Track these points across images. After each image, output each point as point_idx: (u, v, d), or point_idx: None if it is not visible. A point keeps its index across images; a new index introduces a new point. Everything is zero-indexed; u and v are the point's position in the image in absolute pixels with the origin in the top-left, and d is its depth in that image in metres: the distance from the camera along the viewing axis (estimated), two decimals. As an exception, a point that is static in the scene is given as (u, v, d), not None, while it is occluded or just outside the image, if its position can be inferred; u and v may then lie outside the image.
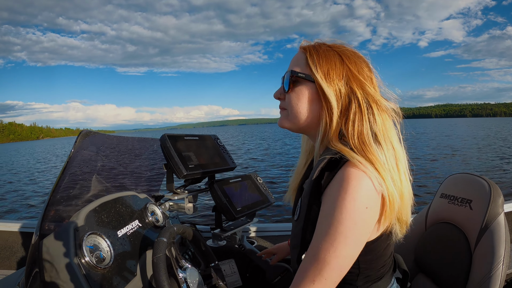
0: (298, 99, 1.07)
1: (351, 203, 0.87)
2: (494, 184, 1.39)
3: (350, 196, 0.87)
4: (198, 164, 1.75)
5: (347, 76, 1.02)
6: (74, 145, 1.18)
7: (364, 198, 0.87)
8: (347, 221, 0.87)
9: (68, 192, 1.28)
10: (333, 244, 0.88)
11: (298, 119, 1.09)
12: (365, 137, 0.96)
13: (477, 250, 1.33)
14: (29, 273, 1.05)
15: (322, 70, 1.02)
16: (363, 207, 0.87)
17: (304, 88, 1.07)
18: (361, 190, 0.87)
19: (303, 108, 1.07)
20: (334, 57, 1.04)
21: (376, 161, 0.91)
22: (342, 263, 0.90)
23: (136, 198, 1.57)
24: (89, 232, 1.17)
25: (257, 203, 2.03)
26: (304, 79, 1.06)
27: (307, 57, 1.06)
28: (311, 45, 1.11)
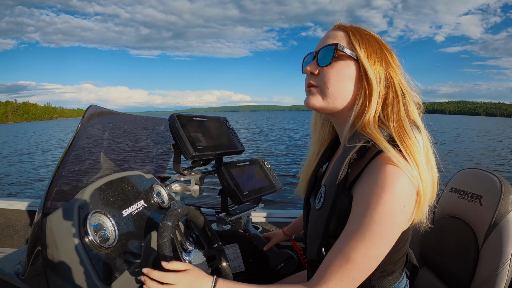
0: (338, 75, 1.00)
1: (390, 203, 0.84)
2: (505, 181, 1.37)
3: (388, 195, 0.84)
4: (206, 145, 1.73)
5: (385, 63, 1.00)
6: (81, 121, 1.16)
7: (402, 197, 0.85)
8: (385, 222, 0.85)
9: (73, 169, 1.28)
10: (366, 245, 0.86)
11: (334, 97, 1.02)
12: (403, 121, 0.94)
13: (485, 247, 1.31)
14: (31, 251, 1.05)
15: (366, 51, 0.99)
16: (401, 207, 0.85)
17: (346, 65, 1.00)
18: (399, 189, 0.84)
19: (342, 86, 1.01)
20: (374, 42, 1.02)
21: (413, 147, 0.89)
22: (372, 263, 0.89)
23: (142, 178, 1.56)
24: (94, 211, 1.16)
25: (264, 188, 2.02)
26: (348, 56, 1.00)
27: (350, 36, 1.01)
28: (351, 25, 1.06)
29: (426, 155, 0.94)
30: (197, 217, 1.44)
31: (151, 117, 1.76)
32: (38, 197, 4.37)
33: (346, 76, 1.00)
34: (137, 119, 1.71)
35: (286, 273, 1.88)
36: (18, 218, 2.66)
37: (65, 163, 1.17)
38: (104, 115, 1.36)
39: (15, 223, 2.65)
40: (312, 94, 1.05)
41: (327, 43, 1.03)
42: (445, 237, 1.50)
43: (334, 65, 1.01)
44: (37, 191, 9.65)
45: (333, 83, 1.01)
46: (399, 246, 1.01)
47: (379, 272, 1.02)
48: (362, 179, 0.92)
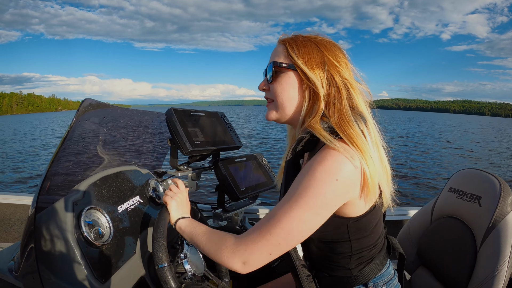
0: (282, 88, 1.11)
1: (321, 172, 0.91)
2: (504, 182, 1.36)
3: (322, 167, 0.91)
4: (203, 140, 1.71)
5: (325, 63, 1.07)
6: (75, 115, 1.14)
7: (336, 170, 0.91)
8: (312, 188, 0.91)
9: (67, 164, 1.26)
10: (291, 205, 0.92)
11: (283, 107, 1.13)
12: (345, 114, 1.01)
13: (483, 248, 1.31)
14: (24, 247, 1.03)
15: (302, 58, 1.08)
16: (333, 179, 0.91)
17: (287, 77, 1.11)
18: (332, 163, 0.91)
19: (287, 96, 1.11)
20: (311, 46, 1.09)
21: (356, 135, 0.96)
22: (294, 226, 0.92)
23: (138, 173, 1.54)
24: (88, 207, 1.15)
25: (261, 185, 2.01)
26: (286, 68, 1.10)
27: (287, 48, 1.11)
28: (289, 37, 1.15)
29: (375, 142, 1.01)
30: (193, 213, 1.43)
31: (147, 111, 1.74)
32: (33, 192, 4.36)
33: (288, 86, 1.11)
34: (133, 113, 1.69)
35: (282, 270, 1.87)
36: (12, 212, 2.63)
37: (59, 158, 1.15)
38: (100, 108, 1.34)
39: (10, 217, 2.63)
40: (268, 109, 1.18)
41: (270, 61, 1.15)
42: (443, 237, 1.50)
43: (277, 79, 1.12)
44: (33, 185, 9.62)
45: (279, 95, 1.12)
46: (369, 230, 1.08)
47: (356, 259, 1.09)
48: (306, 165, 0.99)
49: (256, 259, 0.96)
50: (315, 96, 1.07)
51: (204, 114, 1.87)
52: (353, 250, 1.08)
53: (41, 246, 1.04)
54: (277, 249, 0.95)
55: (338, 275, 1.12)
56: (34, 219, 0.99)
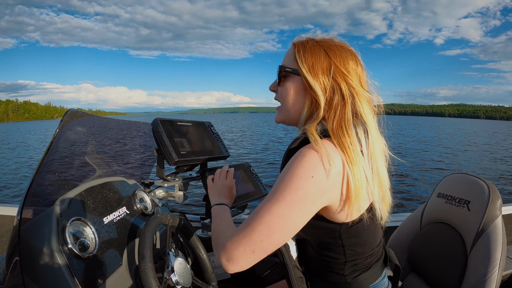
0: (287, 92, 1.14)
1: (298, 168, 0.94)
2: (493, 186, 1.37)
3: (299, 162, 0.94)
4: (190, 151, 1.71)
5: (331, 69, 1.07)
6: (59, 125, 1.12)
7: (312, 167, 0.93)
8: (289, 183, 0.93)
9: (52, 175, 1.23)
10: (270, 200, 0.95)
11: (288, 110, 1.15)
12: (345, 122, 1.01)
13: (473, 252, 1.31)
14: (9, 258, 1.01)
15: (307, 63, 1.08)
16: (308, 175, 0.93)
17: (291, 81, 1.13)
18: (311, 161, 0.93)
19: (292, 100, 1.13)
20: (319, 51, 1.09)
21: (349, 144, 0.97)
22: (272, 221, 0.94)
23: (124, 184, 1.52)
24: (73, 218, 1.12)
25: (249, 194, 1.99)
26: (291, 73, 1.12)
27: (295, 53, 1.12)
28: (301, 40, 1.15)
29: (373, 154, 1.02)
30: (181, 224, 1.41)
31: (134, 121, 1.73)
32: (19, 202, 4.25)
33: (292, 91, 1.13)
34: (119, 123, 1.67)
35: (272, 279, 1.85)
36: (0, 224, 2.58)
37: (44, 168, 1.13)
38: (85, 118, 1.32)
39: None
40: (277, 112, 1.22)
41: (282, 63, 1.18)
42: (433, 242, 1.50)
43: (284, 83, 1.15)
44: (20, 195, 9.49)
45: (285, 99, 1.15)
46: (363, 238, 1.09)
47: (350, 265, 1.10)
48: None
49: (239, 256, 0.97)
50: (316, 102, 1.07)
51: (191, 124, 1.86)
52: (347, 257, 1.08)
53: (26, 258, 1.02)
54: (260, 247, 0.95)
55: (332, 280, 1.13)
56: (19, 230, 0.97)
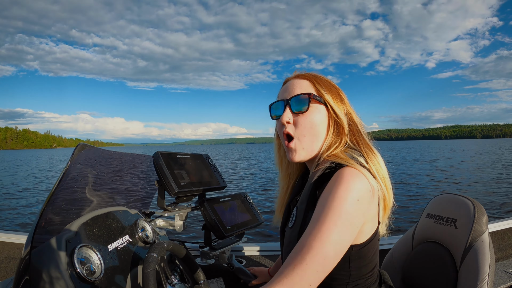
0: (312, 122, 1.13)
1: (343, 192, 0.93)
2: (478, 203, 1.43)
3: (343, 186, 0.93)
4: (189, 182, 1.77)
5: (343, 102, 1.17)
6: (70, 158, 1.19)
7: (356, 190, 0.93)
8: (338, 208, 0.92)
9: (61, 204, 1.29)
10: (320, 229, 0.91)
11: (311, 143, 1.14)
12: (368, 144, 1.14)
13: (463, 268, 1.36)
14: (18, 282, 1.05)
15: (330, 95, 1.14)
16: (354, 198, 0.93)
17: (317, 111, 1.14)
18: (353, 184, 0.94)
19: (316, 131, 1.14)
20: (331, 86, 1.17)
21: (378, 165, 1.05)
22: (326, 249, 0.90)
23: (127, 213, 1.57)
24: (80, 245, 1.17)
25: (246, 223, 2.04)
26: (318, 102, 1.14)
27: (314, 84, 1.16)
28: (311, 74, 1.20)
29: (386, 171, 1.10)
30: (181, 251, 1.45)
31: (137, 154, 1.79)
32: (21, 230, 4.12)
33: (318, 121, 1.13)
34: (123, 156, 1.74)
35: None
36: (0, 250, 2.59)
37: (54, 198, 1.19)
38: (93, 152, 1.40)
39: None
40: (293, 150, 1.16)
41: (297, 92, 1.16)
42: (425, 261, 1.55)
43: (308, 113, 1.14)
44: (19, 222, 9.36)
45: (308, 130, 1.14)
46: (368, 259, 1.09)
47: (352, 286, 1.10)
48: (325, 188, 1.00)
49: None
50: (340, 130, 1.13)
51: (189, 156, 1.93)
52: (351, 278, 1.08)
53: (35, 282, 1.06)
54: (316, 277, 0.90)
55: None
56: (30, 255, 1.02)
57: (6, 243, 2.59)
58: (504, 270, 2.47)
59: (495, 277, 1.31)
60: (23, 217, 10.15)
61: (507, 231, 2.97)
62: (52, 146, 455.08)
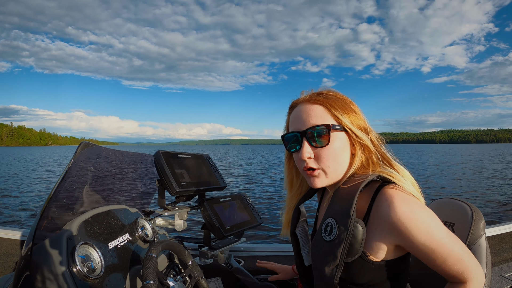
0: (335, 152, 1.09)
1: (428, 219, 0.98)
2: (476, 208, 1.44)
3: (421, 214, 0.98)
4: (190, 181, 1.77)
5: (360, 118, 1.14)
6: (73, 156, 1.20)
7: (430, 211, 1.01)
8: (440, 233, 0.99)
9: (62, 201, 1.30)
10: (451, 243, 1.00)
11: (336, 172, 1.12)
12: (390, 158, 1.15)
13: (459, 272, 1.36)
14: (18, 278, 1.06)
15: (348, 117, 1.10)
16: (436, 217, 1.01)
17: (338, 139, 1.10)
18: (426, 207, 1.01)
19: (340, 159, 1.11)
20: (346, 105, 1.13)
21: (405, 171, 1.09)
22: (458, 245, 1.01)
23: (127, 212, 1.59)
24: (81, 242, 1.18)
25: (246, 223, 2.05)
26: (338, 130, 1.09)
27: (329, 109, 1.10)
28: (323, 97, 1.13)
29: None
30: (180, 250, 1.46)
31: (138, 153, 1.81)
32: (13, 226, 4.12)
33: (340, 149, 1.10)
34: (124, 155, 1.75)
35: None
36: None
37: (56, 196, 1.20)
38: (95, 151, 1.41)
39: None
40: (316, 176, 1.13)
41: (313, 123, 1.10)
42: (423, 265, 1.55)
43: (331, 143, 1.09)
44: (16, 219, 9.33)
45: (332, 161, 1.10)
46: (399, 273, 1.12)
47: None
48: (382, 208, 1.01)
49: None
50: (364, 148, 1.12)
51: (190, 156, 1.94)
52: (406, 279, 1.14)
53: (36, 277, 1.07)
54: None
55: None
56: (31, 252, 1.03)
57: (5, 239, 2.59)
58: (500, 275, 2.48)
59: (491, 281, 1.32)
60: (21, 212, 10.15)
61: (504, 236, 2.98)
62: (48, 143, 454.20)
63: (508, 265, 2.83)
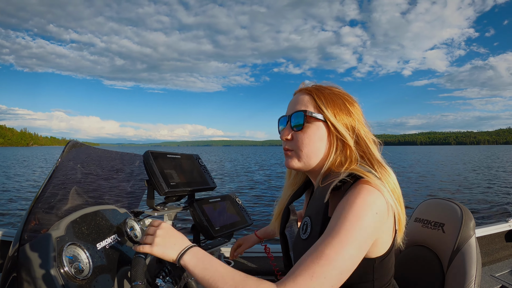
0: (310, 138, 1.13)
1: (361, 207, 0.93)
2: (465, 208, 1.45)
3: (360, 201, 0.94)
4: (179, 182, 1.76)
5: (350, 115, 1.14)
6: (61, 155, 1.18)
7: (374, 204, 0.95)
8: (357, 222, 0.92)
9: (50, 201, 1.28)
10: (341, 241, 0.90)
11: (309, 158, 1.14)
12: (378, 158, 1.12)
13: (450, 271, 1.37)
14: (5, 279, 1.04)
15: (332, 110, 1.12)
16: (373, 212, 0.94)
17: (316, 128, 1.13)
18: (371, 198, 0.95)
19: (315, 147, 1.13)
20: (338, 99, 1.15)
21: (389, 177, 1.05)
22: (344, 264, 0.90)
23: (116, 212, 1.57)
24: (69, 243, 1.16)
25: (235, 224, 2.04)
26: (317, 119, 1.13)
27: (315, 99, 1.14)
28: (314, 87, 1.18)
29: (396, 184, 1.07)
30: None
31: (126, 153, 1.79)
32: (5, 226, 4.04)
33: (316, 138, 1.13)
34: (113, 155, 1.73)
35: None
36: None
37: (43, 195, 1.18)
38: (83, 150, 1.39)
39: None
40: (290, 157, 1.18)
41: (297, 108, 1.17)
42: (413, 264, 1.56)
43: (305, 129, 1.14)
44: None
45: (306, 146, 1.14)
46: (387, 268, 1.11)
47: None
48: (343, 199, 1.00)
49: None
50: (345, 146, 1.11)
51: (179, 156, 1.93)
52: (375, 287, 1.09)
53: (23, 279, 1.05)
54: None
55: None
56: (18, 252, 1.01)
57: None
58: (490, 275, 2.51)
59: (482, 281, 1.33)
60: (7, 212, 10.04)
61: (494, 236, 3.02)
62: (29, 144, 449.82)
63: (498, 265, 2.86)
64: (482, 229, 2.97)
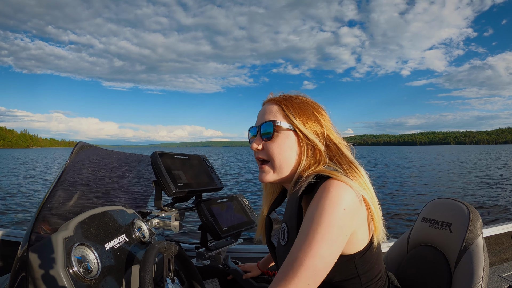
0: (280, 148, 1.15)
1: (329, 205, 0.94)
2: (473, 208, 1.44)
3: (328, 198, 0.94)
4: (187, 182, 1.77)
5: (319, 123, 1.17)
6: (70, 156, 1.20)
7: (341, 200, 0.94)
8: (325, 222, 0.93)
9: (58, 202, 1.29)
10: (310, 243, 0.93)
11: (281, 167, 1.16)
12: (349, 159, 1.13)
13: (457, 271, 1.36)
14: (14, 279, 1.05)
15: (300, 119, 1.15)
16: (340, 209, 0.94)
17: (285, 137, 1.16)
18: (338, 194, 0.95)
19: (285, 156, 1.15)
20: (305, 108, 1.18)
21: (360, 173, 1.06)
22: (317, 263, 0.92)
23: (124, 213, 1.58)
24: (78, 243, 1.17)
25: (242, 224, 2.05)
26: (286, 128, 1.15)
27: (283, 109, 1.17)
28: (282, 97, 1.22)
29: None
30: (178, 252, 1.45)
31: (134, 154, 1.80)
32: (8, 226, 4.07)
33: (286, 146, 1.15)
34: (121, 156, 1.74)
35: None
36: None
37: (52, 196, 1.19)
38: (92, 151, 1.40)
39: None
40: (264, 171, 1.20)
41: (266, 119, 1.19)
42: (420, 264, 1.56)
43: (274, 139, 1.16)
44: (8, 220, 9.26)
45: (277, 156, 1.16)
46: (373, 262, 1.11)
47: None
48: (312, 201, 1.00)
49: None
50: (315, 151, 1.14)
51: (187, 157, 1.94)
52: (363, 284, 1.10)
53: (32, 278, 1.06)
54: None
55: None
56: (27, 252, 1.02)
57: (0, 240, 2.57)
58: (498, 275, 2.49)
59: (489, 281, 1.33)
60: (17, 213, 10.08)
61: (501, 236, 3.00)
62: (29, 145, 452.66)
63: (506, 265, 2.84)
64: (489, 229, 2.95)
